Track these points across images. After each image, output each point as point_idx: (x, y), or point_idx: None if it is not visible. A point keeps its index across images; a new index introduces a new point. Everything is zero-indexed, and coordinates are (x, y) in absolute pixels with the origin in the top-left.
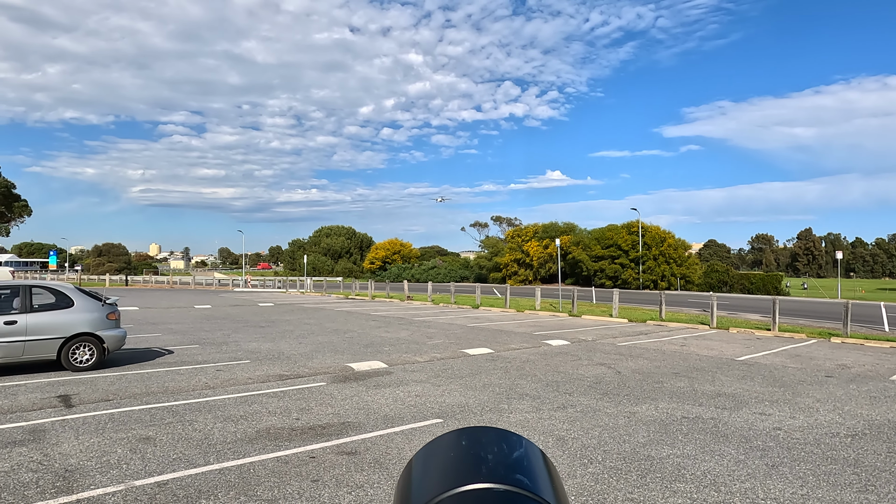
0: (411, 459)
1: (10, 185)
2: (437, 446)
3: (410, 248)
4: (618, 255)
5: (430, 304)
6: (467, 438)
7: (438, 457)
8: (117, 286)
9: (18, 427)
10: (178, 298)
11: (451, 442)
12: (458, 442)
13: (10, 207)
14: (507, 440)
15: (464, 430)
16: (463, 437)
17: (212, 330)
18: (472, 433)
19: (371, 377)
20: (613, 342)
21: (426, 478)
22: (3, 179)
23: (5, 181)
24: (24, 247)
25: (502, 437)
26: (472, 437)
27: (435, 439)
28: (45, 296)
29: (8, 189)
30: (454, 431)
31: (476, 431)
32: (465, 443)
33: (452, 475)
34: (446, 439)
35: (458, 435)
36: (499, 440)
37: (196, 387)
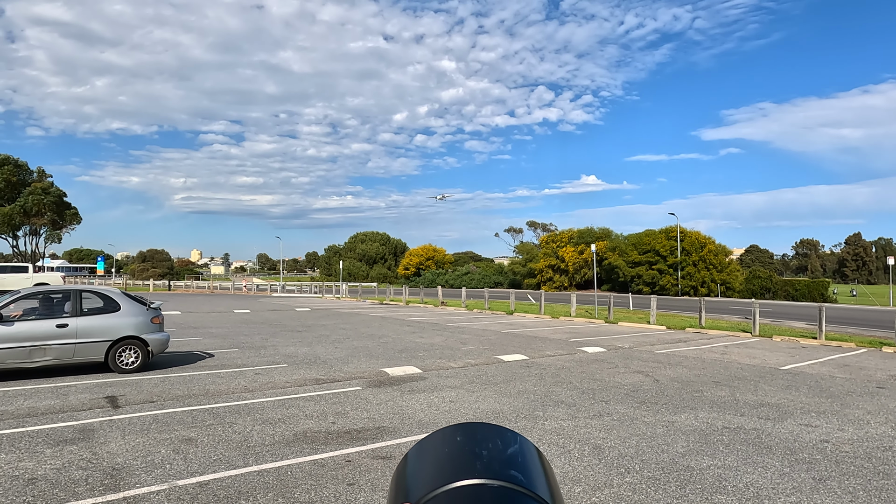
0: (406, 454)
1: (61, 195)
2: (431, 442)
3: (444, 254)
4: (655, 261)
5: (464, 310)
6: (462, 434)
7: (433, 452)
8: (161, 291)
9: (69, 426)
10: (218, 303)
11: (446, 437)
12: (453, 437)
13: (61, 215)
14: (502, 436)
15: (459, 425)
16: (458, 432)
17: (250, 334)
18: (467, 429)
19: (406, 382)
20: (651, 350)
21: (420, 473)
22: (56, 189)
23: (58, 190)
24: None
25: (497, 433)
26: (467, 433)
27: (430, 435)
28: (93, 300)
29: (60, 198)
30: (449, 427)
31: (471, 427)
32: (460, 438)
33: (447, 470)
34: (441, 435)
35: (453, 430)
36: (494, 436)
37: (236, 390)
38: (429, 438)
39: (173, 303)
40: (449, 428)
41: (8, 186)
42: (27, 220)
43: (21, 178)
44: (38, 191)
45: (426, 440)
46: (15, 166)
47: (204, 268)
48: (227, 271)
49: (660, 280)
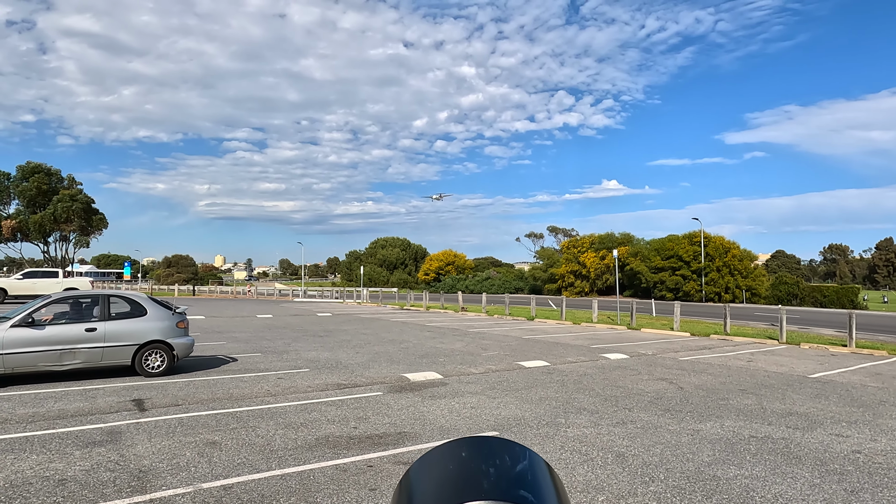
0: (407, 471)
1: (90, 201)
2: (435, 458)
3: (464, 260)
4: (679, 267)
5: (485, 316)
6: (468, 449)
7: (437, 469)
8: (185, 296)
9: (97, 428)
10: (242, 308)
11: (450, 453)
12: (458, 453)
13: (90, 221)
14: (510, 451)
15: (464, 439)
16: (463, 447)
17: (273, 339)
18: (473, 443)
19: (426, 388)
20: (675, 356)
21: (423, 493)
22: (84, 196)
23: (86, 197)
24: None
25: (505, 447)
26: (473, 448)
27: (433, 449)
28: (120, 304)
29: (88, 205)
30: (454, 441)
31: (477, 441)
32: (465, 454)
33: (451, 490)
34: (445, 450)
35: (457, 445)
36: (501, 451)
37: (259, 394)
38: (432, 453)
39: (198, 308)
40: (453, 442)
41: (39, 194)
42: (57, 227)
43: (52, 186)
44: (67, 198)
45: (429, 455)
46: (46, 174)
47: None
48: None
49: (683, 286)
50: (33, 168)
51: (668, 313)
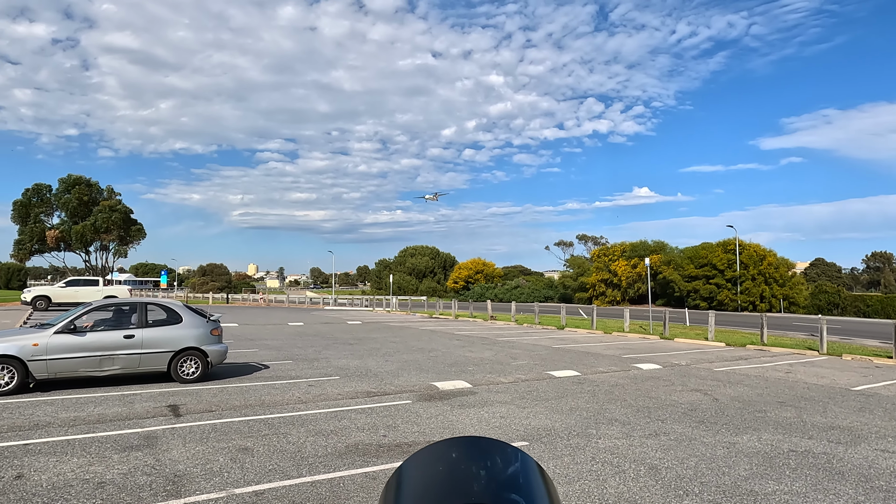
0: (395, 472)
1: (129, 212)
2: (424, 458)
3: (493, 268)
4: (713, 275)
5: (514, 325)
6: (458, 450)
7: (426, 471)
8: (219, 304)
9: (135, 433)
10: (273, 316)
11: (440, 454)
12: (448, 453)
13: (128, 231)
14: (501, 452)
15: (454, 439)
16: (454, 448)
17: (304, 346)
18: (464, 444)
19: (455, 397)
20: (709, 367)
21: (411, 496)
22: (124, 206)
23: (125, 208)
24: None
25: (496, 448)
26: (464, 449)
27: (423, 449)
28: (157, 312)
29: (127, 215)
30: (444, 442)
31: (468, 442)
32: (455, 455)
33: (440, 493)
34: (435, 450)
35: (448, 445)
36: (493, 452)
37: (290, 401)
38: (422, 453)
39: (231, 315)
40: (444, 442)
41: (81, 205)
42: (98, 237)
43: (92, 197)
44: (107, 209)
45: (419, 455)
46: (87, 186)
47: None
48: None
49: (717, 295)
50: (75, 180)
51: (701, 323)
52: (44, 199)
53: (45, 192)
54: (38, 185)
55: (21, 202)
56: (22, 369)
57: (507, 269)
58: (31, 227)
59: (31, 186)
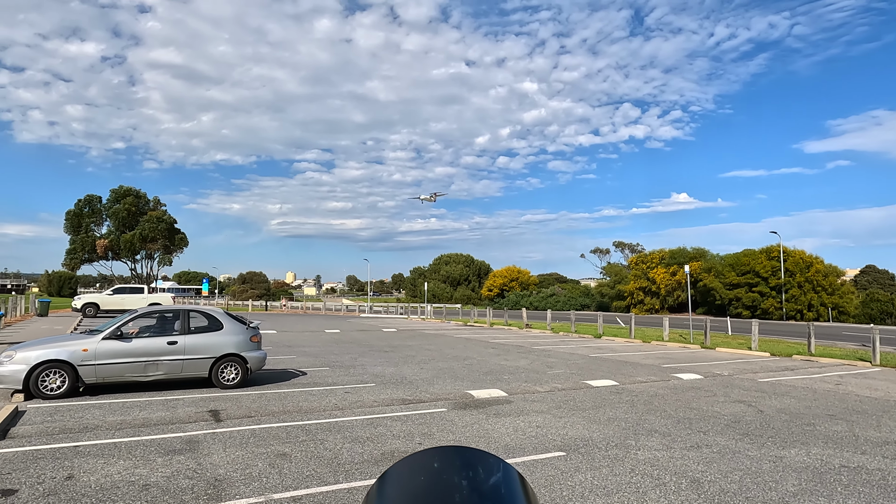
0: (375, 483)
1: (173, 222)
2: (405, 468)
3: (528, 276)
4: (756, 283)
5: (550, 333)
6: (440, 460)
7: (407, 481)
8: (258, 311)
9: (177, 437)
10: (310, 323)
11: (422, 464)
12: (429, 464)
13: (172, 241)
14: (483, 463)
15: (436, 449)
16: (436, 458)
17: (340, 353)
18: (446, 454)
19: (491, 405)
20: (753, 378)
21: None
22: (169, 217)
23: (170, 218)
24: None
25: (479, 458)
26: (445, 459)
27: (404, 459)
28: (199, 319)
29: (172, 225)
30: (426, 451)
31: (450, 452)
32: (437, 465)
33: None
34: (417, 460)
35: (430, 455)
36: (475, 463)
37: (327, 407)
38: (403, 463)
39: (270, 322)
40: (426, 452)
41: (129, 215)
42: (144, 246)
43: (140, 208)
44: (154, 219)
45: (400, 465)
46: (136, 197)
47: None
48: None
49: (761, 303)
50: (125, 191)
51: (744, 332)
52: (94, 210)
53: (96, 202)
54: (90, 196)
55: (74, 212)
56: (72, 374)
57: (543, 276)
58: (83, 237)
59: (84, 197)
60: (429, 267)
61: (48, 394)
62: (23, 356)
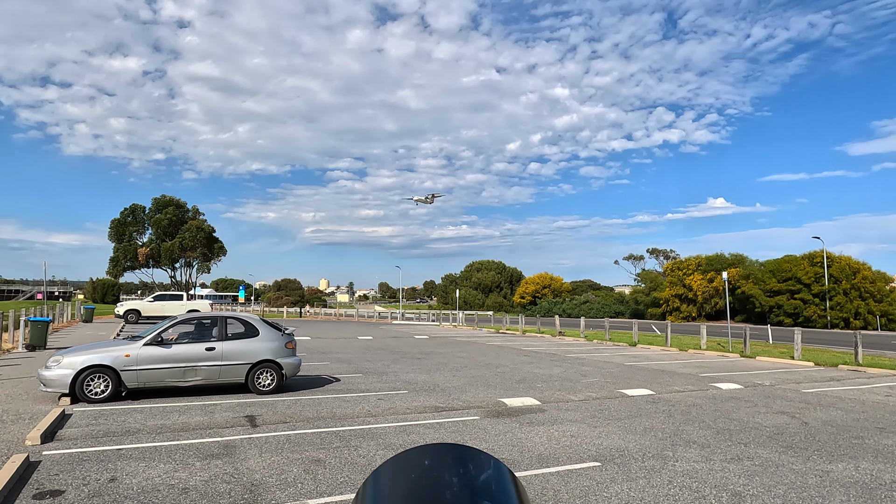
0: (367, 480)
1: (211, 230)
2: (396, 466)
3: (561, 283)
4: (798, 290)
5: (583, 341)
6: (431, 457)
7: (398, 478)
8: (293, 318)
9: (215, 442)
10: (344, 330)
11: (412, 460)
12: (420, 461)
13: (211, 249)
14: (474, 460)
15: (427, 447)
16: (426, 455)
17: (373, 360)
18: (436, 451)
19: (524, 414)
20: (797, 388)
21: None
22: (208, 226)
23: (209, 227)
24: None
25: (469, 455)
26: (436, 456)
27: (395, 457)
28: (236, 326)
29: (210, 233)
30: (417, 448)
31: (440, 449)
32: (428, 462)
33: (411, 501)
34: (407, 457)
35: (420, 452)
36: (466, 460)
37: (360, 414)
38: (394, 461)
39: (304, 329)
40: (416, 449)
41: (170, 224)
42: (183, 254)
43: (180, 217)
44: (194, 228)
45: (391, 463)
46: (176, 207)
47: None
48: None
49: (804, 311)
50: (166, 201)
51: (786, 340)
52: (137, 219)
53: (139, 211)
54: (134, 206)
55: (118, 221)
56: (115, 378)
57: (575, 283)
58: (125, 246)
59: (129, 207)
60: (460, 274)
61: (93, 398)
62: (69, 361)
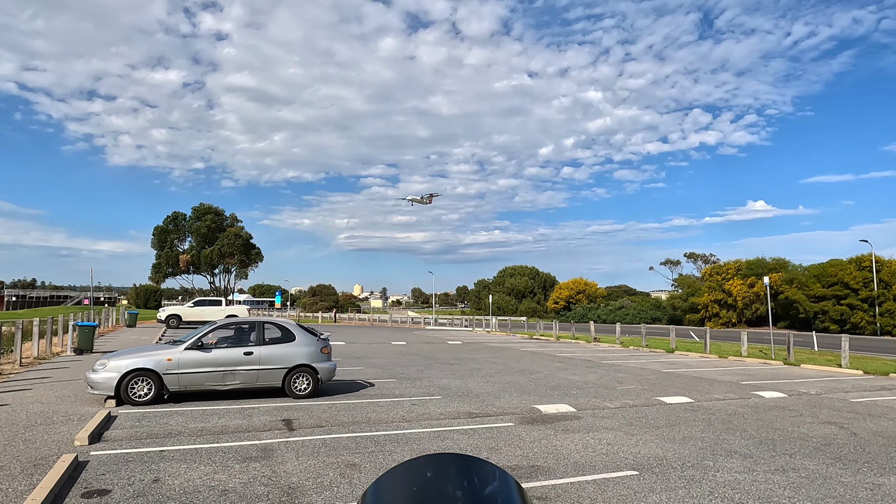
0: (366, 492)
1: (249, 237)
2: (397, 478)
3: (595, 288)
4: (844, 295)
5: (619, 347)
6: (433, 468)
7: (399, 491)
8: (328, 322)
9: (253, 445)
10: (377, 335)
11: (414, 472)
12: (422, 472)
13: (248, 255)
14: (479, 471)
15: (429, 457)
16: (429, 466)
17: (407, 365)
18: (439, 462)
19: (559, 421)
20: (844, 397)
21: None
22: (246, 233)
23: (246, 234)
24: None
25: (474, 466)
26: (439, 467)
27: (396, 468)
28: (273, 331)
29: (248, 240)
30: (418, 459)
31: (443, 460)
32: (430, 474)
33: None
34: (409, 468)
35: (422, 463)
36: (470, 471)
37: (394, 419)
38: (394, 472)
39: (338, 334)
40: (418, 460)
41: (209, 231)
42: (222, 260)
43: (218, 224)
44: (232, 235)
45: (391, 474)
46: (215, 214)
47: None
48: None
49: (851, 317)
50: (206, 209)
51: (832, 347)
52: (178, 227)
53: (181, 219)
54: (176, 213)
55: (161, 228)
56: (158, 382)
57: (610, 289)
58: (167, 252)
59: (170, 214)
60: (493, 279)
61: (136, 400)
62: (115, 364)
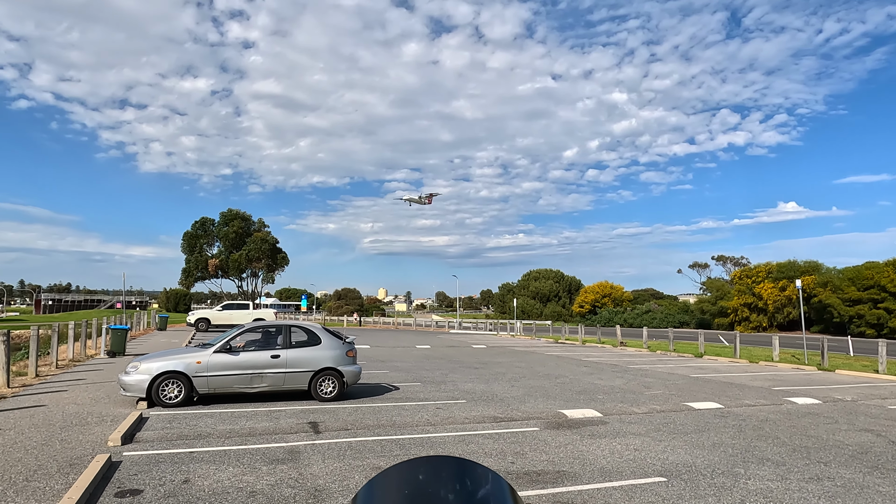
0: (357, 495)
1: (275, 242)
2: (388, 481)
3: (621, 291)
4: (881, 298)
5: (646, 351)
6: (426, 471)
7: (390, 494)
8: (353, 326)
9: (280, 447)
10: (402, 338)
11: (406, 475)
12: (414, 475)
13: (275, 259)
14: (471, 474)
15: (422, 459)
16: (421, 468)
17: (431, 369)
18: (431, 465)
19: (585, 426)
20: (882, 404)
21: None
22: (272, 237)
23: (273, 239)
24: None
25: (466, 469)
26: (431, 470)
27: (387, 471)
28: (299, 334)
29: (274, 245)
30: (410, 461)
31: (435, 462)
32: (422, 476)
33: None
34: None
35: (415, 466)
36: (462, 474)
37: (419, 423)
38: (386, 475)
39: (363, 337)
40: (410, 462)
41: (237, 237)
42: (250, 265)
43: (246, 229)
44: (259, 240)
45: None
46: (242, 219)
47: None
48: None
49: (888, 321)
50: (233, 214)
51: (869, 353)
52: (207, 232)
53: (209, 224)
54: (204, 219)
55: (190, 233)
56: (188, 384)
57: (637, 292)
58: (196, 257)
59: (199, 220)
60: (517, 283)
61: (167, 402)
62: (146, 367)
